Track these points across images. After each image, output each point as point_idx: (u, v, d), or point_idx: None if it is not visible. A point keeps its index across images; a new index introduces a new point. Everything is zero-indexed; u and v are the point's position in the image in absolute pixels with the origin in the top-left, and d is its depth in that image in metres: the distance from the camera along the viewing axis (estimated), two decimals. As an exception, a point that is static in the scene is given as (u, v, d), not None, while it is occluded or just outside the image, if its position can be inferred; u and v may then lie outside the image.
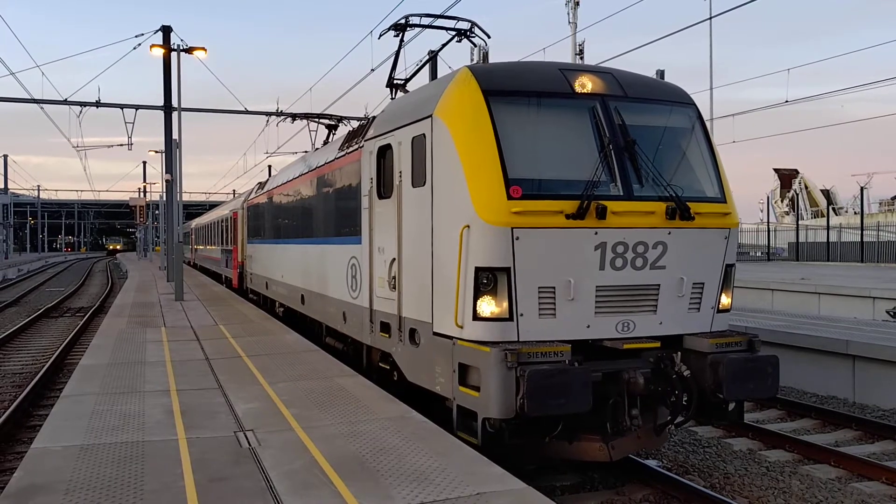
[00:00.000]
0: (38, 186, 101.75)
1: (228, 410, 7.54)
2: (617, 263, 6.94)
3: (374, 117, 10.01)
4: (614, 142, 7.15)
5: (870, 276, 28.39)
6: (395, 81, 11.23)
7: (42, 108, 27.92)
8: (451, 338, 7.10)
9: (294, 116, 17.54)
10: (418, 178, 7.81)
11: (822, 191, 76.22)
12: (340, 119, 17.09)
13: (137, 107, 29.18)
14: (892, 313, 20.18)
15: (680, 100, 8.02)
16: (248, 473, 5.54)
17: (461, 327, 6.90)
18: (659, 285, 7.16)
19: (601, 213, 6.79)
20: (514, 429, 6.59)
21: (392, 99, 10.81)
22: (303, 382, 8.93)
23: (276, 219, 17.15)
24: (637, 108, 7.54)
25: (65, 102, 27.87)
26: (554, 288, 6.79)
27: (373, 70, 22.30)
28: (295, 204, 14.88)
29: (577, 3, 25.65)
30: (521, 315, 6.75)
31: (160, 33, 26.90)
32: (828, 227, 46.36)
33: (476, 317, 6.80)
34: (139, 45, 26.78)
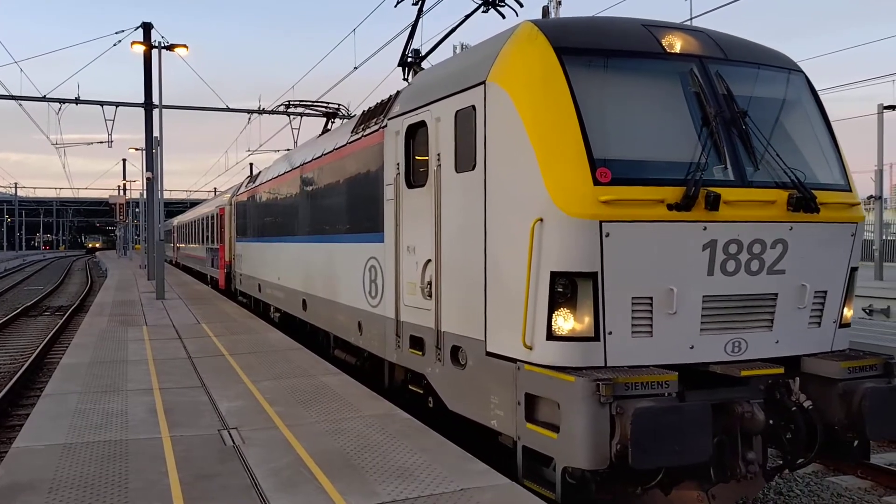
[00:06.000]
0: (16, 184, 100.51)
1: (212, 409, 7.54)
2: (728, 267, 5.64)
3: (398, 92, 8.73)
4: (721, 114, 5.86)
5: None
6: (409, 59, 9.73)
7: (21, 104, 27.64)
8: (514, 360, 5.82)
9: (288, 107, 16.26)
10: (464, 161, 6.53)
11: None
12: (339, 106, 15.83)
13: (118, 104, 28.94)
14: (868, 311, 20.51)
15: (787, 65, 6.69)
16: (234, 471, 5.55)
17: (530, 348, 5.62)
18: (777, 294, 5.85)
19: (713, 203, 5.47)
20: (603, 480, 5.39)
21: (405, 80, 9.57)
22: (287, 380, 8.93)
23: (271, 215, 15.65)
24: (741, 74, 6.25)
25: (44, 99, 27.61)
26: (651, 298, 5.50)
27: (356, 68, 22.29)
28: (296, 197, 13.31)
29: (560, 3, 25.77)
30: (610, 333, 5.44)
31: (141, 30, 26.71)
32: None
33: (551, 335, 5.50)
34: (119, 41, 26.64)
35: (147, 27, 26.76)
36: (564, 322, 5.50)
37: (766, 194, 5.78)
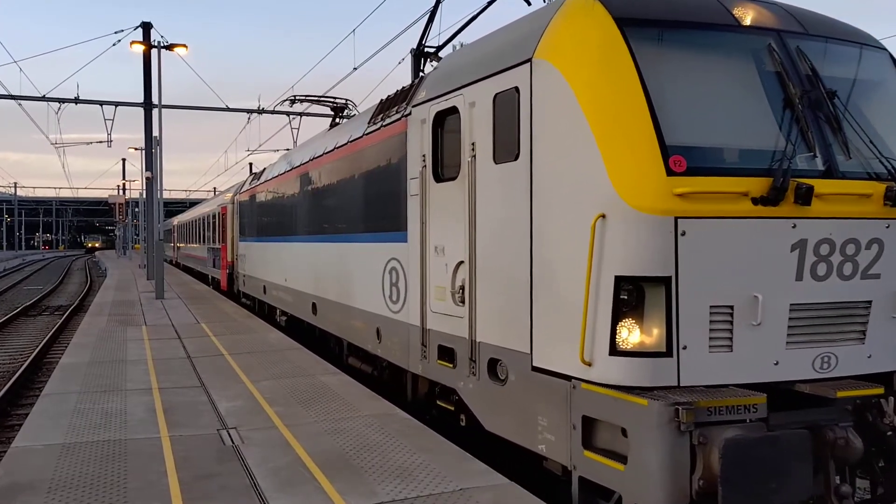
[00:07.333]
0: (15, 184, 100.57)
1: (211, 408, 7.54)
2: (819, 271, 4.95)
3: (422, 76, 8.08)
4: (807, 95, 5.18)
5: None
6: (425, 49, 8.99)
7: (20, 104, 27.64)
8: (567, 378, 5.14)
9: (293, 102, 15.78)
10: (505, 150, 5.83)
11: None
12: (346, 101, 15.23)
13: (117, 104, 28.98)
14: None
15: (870, 42, 6.01)
16: (233, 471, 5.55)
17: (589, 364, 4.91)
18: (871, 302, 5.13)
19: (804, 197, 4.79)
20: None
21: (421, 71, 8.70)
22: (286, 380, 8.93)
23: (278, 213, 14.86)
24: (822, 50, 5.56)
25: (43, 99, 27.64)
26: (732, 308, 4.79)
27: (355, 69, 22.29)
28: (305, 194, 12.51)
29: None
30: (684, 348, 4.73)
31: (140, 30, 26.72)
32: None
33: (615, 350, 4.79)
34: (119, 41, 26.66)
35: (147, 27, 26.75)
36: (630, 335, 4.78)
37: (861, 187, 5.09)
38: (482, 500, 4.92)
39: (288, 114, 28.10)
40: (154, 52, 21.90)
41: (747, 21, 5.41)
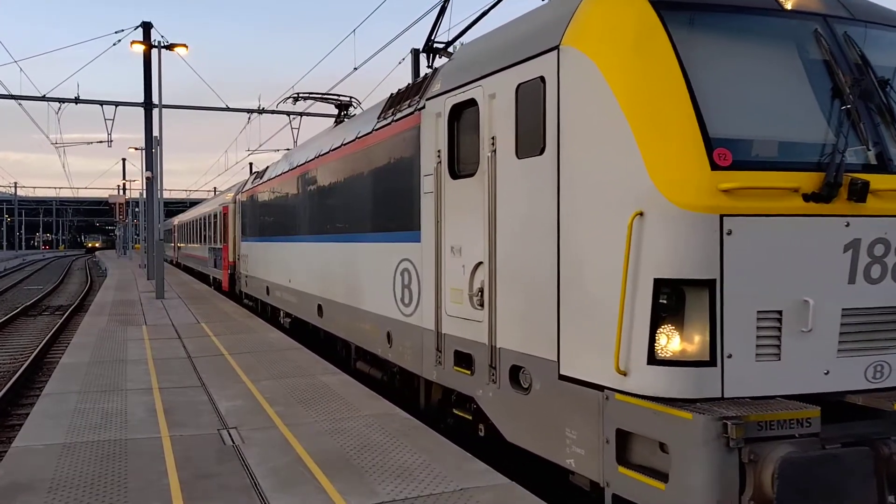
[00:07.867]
0: (15, 184, 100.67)
1: (212, 408, 7.54)
2: (873, 273, 4.65)
3: (436, 68, 7.77)
4: (858, 84, 4.88)
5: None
6: (434, 44, 8.74)
7: (20, 104, 27.65)
8: (599, 387, 4.80)
9: (297, 99, 15.52)
10: (529, 144, 5.52)
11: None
12: (351, 99, 14.95)
13: (117, 104, 28.99)
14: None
15: None
16: (233, 471, 5.55)
17: (624, 374, 4.59)
18: None
19: (858, 193, 4.51)
20: None
21: (430, 68, 8.62)
22: (286, 380, 8.93)
23: (283, 212, 14.52)
24: (871, 37, 5.25)
25: (43, 99, 27.66)
26: (780, 313, 4.50)
27: (356, 69, 22.30)
28: (311, 193, 12.19)
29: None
30: (729, 356, 4.43)
31: (140, 30, 26.72)
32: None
33: (654, 358, 4.48)
34: (119, 41, 26.67)
35: (147, 27, 26.76)
36: (670, 342, 4.47)
37: None
38: (482, 500, 4.92)
39: (288, 113, 28.17)
40: (154, 51, 21.90)
41: (791, 5, 5.12)
